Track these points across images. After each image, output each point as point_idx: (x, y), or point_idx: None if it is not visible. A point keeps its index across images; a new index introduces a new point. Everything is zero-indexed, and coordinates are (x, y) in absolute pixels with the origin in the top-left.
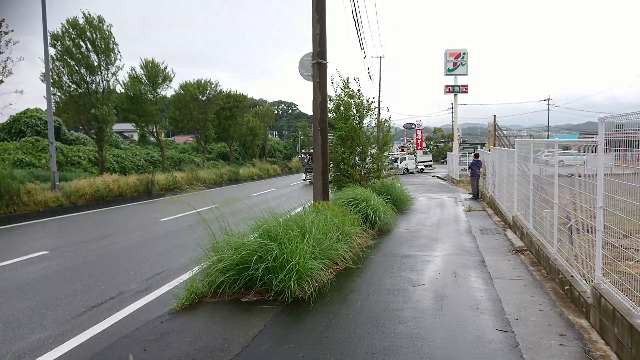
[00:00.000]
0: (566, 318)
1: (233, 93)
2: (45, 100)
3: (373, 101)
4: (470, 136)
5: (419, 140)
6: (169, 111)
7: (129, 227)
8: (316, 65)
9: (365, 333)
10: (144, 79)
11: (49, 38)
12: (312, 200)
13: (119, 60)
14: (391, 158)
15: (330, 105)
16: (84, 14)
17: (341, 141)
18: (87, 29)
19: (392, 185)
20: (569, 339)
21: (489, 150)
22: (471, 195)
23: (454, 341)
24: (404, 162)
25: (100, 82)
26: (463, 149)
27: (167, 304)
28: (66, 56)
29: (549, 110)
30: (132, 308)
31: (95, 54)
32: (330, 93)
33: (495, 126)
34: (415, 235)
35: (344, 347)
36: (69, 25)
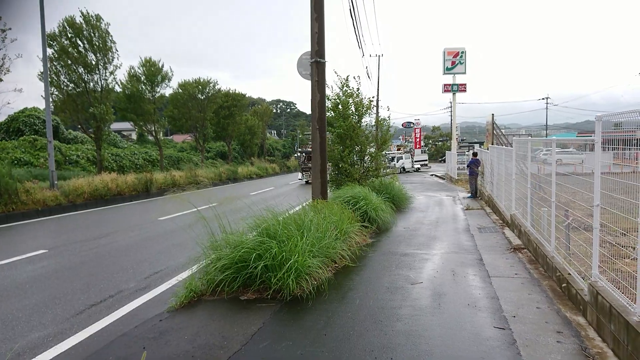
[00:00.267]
0: (563, 315)
1: (232, 92)
2: (43, 99)
3: (372, 100)
4: (469, 135)
5: (418, 139)
6: (167, 110)
7: (128, 226)
8: (314, 64)
9: (364, 331)
10: (142, 77)
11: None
12: (311, 199)
13: (116, 59)
14: (388, 157)
15: (329, 104)
16: (82, 13)
17: (340, 140)
18: (85, 28)
19: (391, 184)
20: (566, 336)
21: (488, 149)
22: (469, 194)
23: (452, 338)
24: (400, 161)
25: (98, 81)
26: (459, 148)
27: (166, 303)
28: (63, 55)
29: (547, 109)
30: (131, 306)
31: (92, 53)
32: (329, 92)
33: (494, 125)
34: (414, 233)
35: (342, 345)
36: (66, 24)
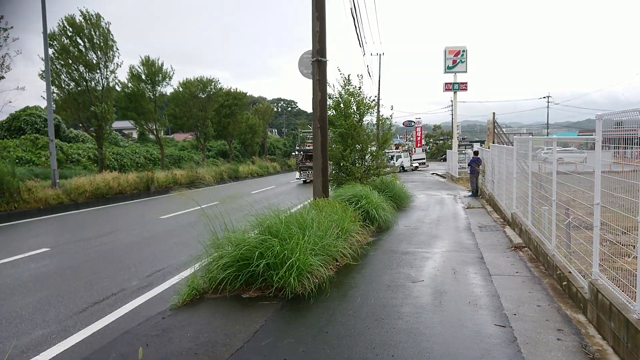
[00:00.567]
0: (564, 313)
1: (233, 91)
2: (43, 98)
3: (374, 99)
4: (470, 134)
5: (419, 138)
6: (168, 108)
7: (130, 225)
8: (316, 63)
9: (365, 328)
10: (143, 76)
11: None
12: (312, 198)
13: (117, 57)
14: (388, 156)
15: (331, 103)
16: (82, 12)
17: (341, 139)
18: (85, 27)
19: (392, 183)
20: (567, 333)
21: (489, 148)
22: (470, 193)
23: (453, 336)
24: (399, 160)
25: (99, 80)
26: (459, 146)
27: (169, 300)
28: (64, 54)
29: (548, 107)
30: (134, 304)
31: (93, 52)
32: (331, 91)
33: (495, 124)
34: (415, 232)
35: (344, 342)
36: (66, 24)
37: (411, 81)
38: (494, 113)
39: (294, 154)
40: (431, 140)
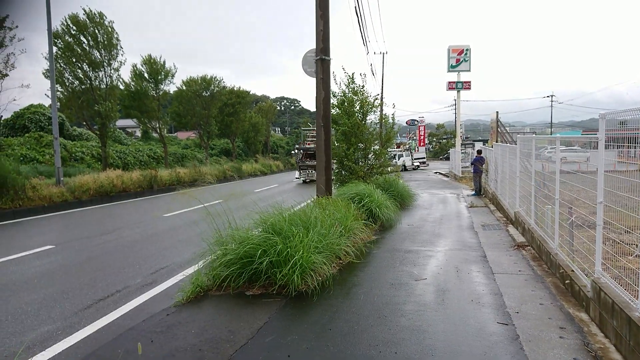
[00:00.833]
0: (566, 312)
1: (236, 89)
2: (47, 96)
3: (377, 98)
4: (473, 133)
5: (422, 137)
6: (171, 107)
7: (133, 222)
8: (319, 62)
9: (368, 326)
10: (145, 75)
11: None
12: (315, 196)
13: (121, 55)
14: (390, 154)
15: (335, 101)
16: (85, 10)
17: (344, 137)
18: (89, 25)
19: (395, 182)
20: (569, 332)
21: (492, 147)
22: (473, 192)
23: (455, 334)
24: (401, 159)
25: (103, 78)
26: (461, 145)
27: (173, 297)
28: (68, 53)
29: (552, 106)
30: (138, 301)
31: (97, 50)
32: (334, 89)
33: (498, 123)
34: (418, 230)
35: (347, 339)
36: (70, 22)
37: (414, 80)
38: (497, 112)
39: (293, 152)
40: (434, 139)
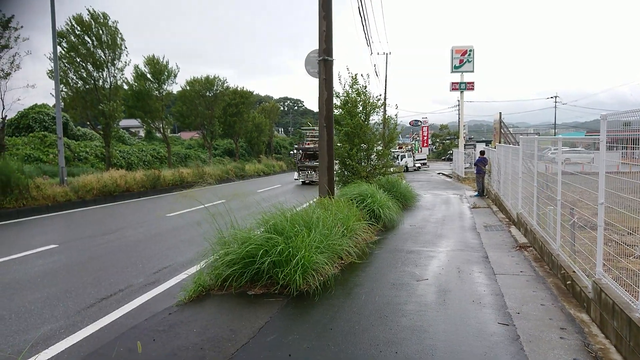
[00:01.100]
0: (567, 312)
1: (239, 90)
2: (52, 96)
3: (380, 98)
4: (477, 133)
5: (425, 138)
6: (175, 107)
7: (136, 222)
8: (322, 62)
9: (369, 325)
10: (148, 75)
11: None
12: (318, 196)
13: (125, 55)
14: (394, 155)
15: (338, 102)
16: (89, 11)
17: (347, 138)
18: (93, 26)
19: (397, 182)
20: (570, 332)
21: (495, 148)
22: (476, 193)
23: (456, 334)
24: (404, 160)
25: (107, 78)
26: (465, 146)
27: (175, 297)
28: (72, 53)
29: (555, 107)
30: (141, 300)
31: (101, 50)
32: (338, 89)
33: (501, 123)
34: (420, 231)
35: (348, 339)
36: (74, 22)
37: (418, 81)
38: (500, 113)
39: (292, 152)
40: (437, 140)
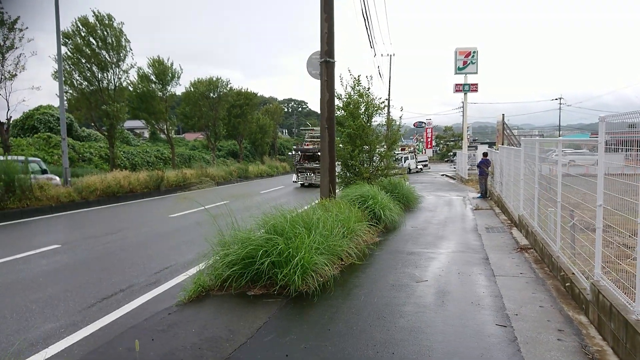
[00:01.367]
0: (566, 314)
1: (244, 91)
2: (57, 97)
3: (383, 100)
4: (481, 135)
5: (429, 139)
6: (179, 108)
7: (139, 223)
8: (324, 64)
9: (367, 326)
10: (152, 77)
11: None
12: (320, 198)
13: (130, 57)
14: (397, 157)
15: (340, 104)
16: (94, 12)
17: (349, 139)
18: (98, 27)
19: (400, 184)
20: (567, 334)
21: (497, 150)
22: (479, 194)
23: (453, 335)
24: (407, 162)
25: (111, 79)
26: (468, 148)
27: (176, 297)
28: (77, 54)
29: (560, 109)
30: (141, 300)
31: (106, 52)
32: (340, 91)
33: (504, 125)
34: (422, 232)
35: (345, 339)
36: (80, 24)
37: (422, 82)
38: (503, 114)
39: (290, 154)
40: (441, 141)
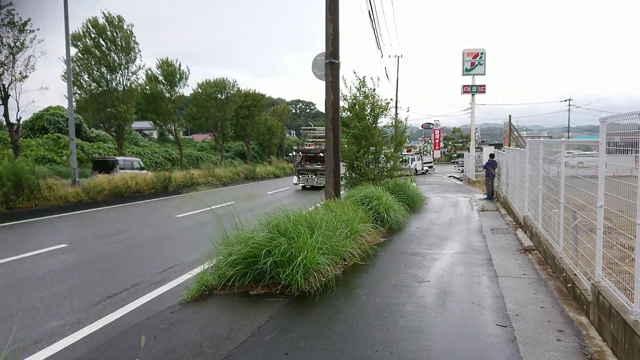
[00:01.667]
0: (567, 315)
1: (251, 92)
2: (66, 98)
3: (389, 102)
4: (490, 136)
5: (437, 141)
6: (187, 109)
7: (145, 223)
8: (329, 65)
9: (367, 325)
10: (160, 78)
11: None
12: (325, 198)
13: (139, 59)
14: (404, 158)
15: (346, 104)
16: (104, 14)
17: (355, 140)
18: (108, 29)
19: (405, 185)
20: (567, 334)
21: (504, 151)
22: (486, 196)
23: (453, 335)
24: (413, 163)
25: (120, 81)
26: (475, 149)
27: (179, 296)
28: (87, 55)
29: (569, 110)
30: (146, 299)
31: (115, 53)
32: (345, 92)
33: (511, 126)
34: (426, 233)
35: (345, 338)
36: (90, 25)
37: (431, 83)
38: (509, 116)
39: (291, 154)
40: (450, 142)
